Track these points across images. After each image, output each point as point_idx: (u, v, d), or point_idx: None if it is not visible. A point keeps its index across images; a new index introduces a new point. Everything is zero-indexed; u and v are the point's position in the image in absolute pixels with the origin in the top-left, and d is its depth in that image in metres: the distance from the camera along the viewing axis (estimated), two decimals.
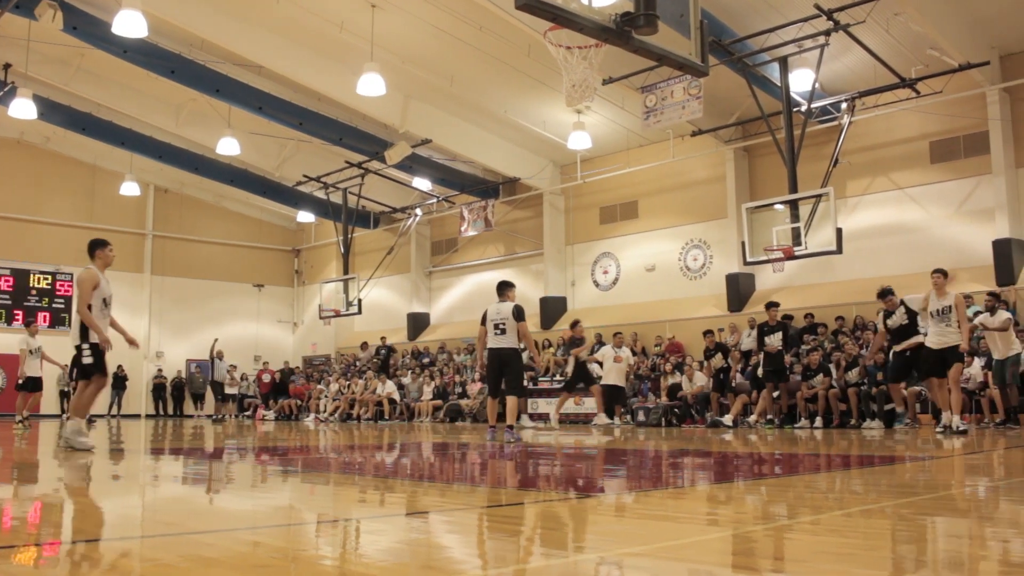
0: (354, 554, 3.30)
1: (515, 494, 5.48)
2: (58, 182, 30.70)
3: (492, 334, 11.32)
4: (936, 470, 6.99)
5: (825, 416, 16.42)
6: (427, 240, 31.00)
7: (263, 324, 34.78)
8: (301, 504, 5.25)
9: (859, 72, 18.42)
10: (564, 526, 4.10)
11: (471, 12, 17.89)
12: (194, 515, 4.60)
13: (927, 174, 19.37)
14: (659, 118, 18.93)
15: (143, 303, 32.37)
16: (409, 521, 4.27)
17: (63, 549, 3.39)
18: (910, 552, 3.24)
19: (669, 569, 2.97)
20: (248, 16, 20.20)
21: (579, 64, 9.39)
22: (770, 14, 17.10)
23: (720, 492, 5.47)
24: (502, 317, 11.25)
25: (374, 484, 6.20)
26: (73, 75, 23.76)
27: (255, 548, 3.39)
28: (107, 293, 10.06)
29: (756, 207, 18.31)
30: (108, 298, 10.10)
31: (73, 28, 19.96)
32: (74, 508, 5.00)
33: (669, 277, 23.54)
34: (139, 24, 17.22)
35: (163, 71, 21.68)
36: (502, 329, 11.24)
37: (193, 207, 33.63)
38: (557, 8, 7.04)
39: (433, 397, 24.26)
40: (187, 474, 7.25)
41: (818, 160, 18.89)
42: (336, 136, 24.49)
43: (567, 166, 25.57)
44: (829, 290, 20.16)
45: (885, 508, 4.46)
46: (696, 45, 8.06)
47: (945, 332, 12.16)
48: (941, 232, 18.89)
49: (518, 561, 3.13)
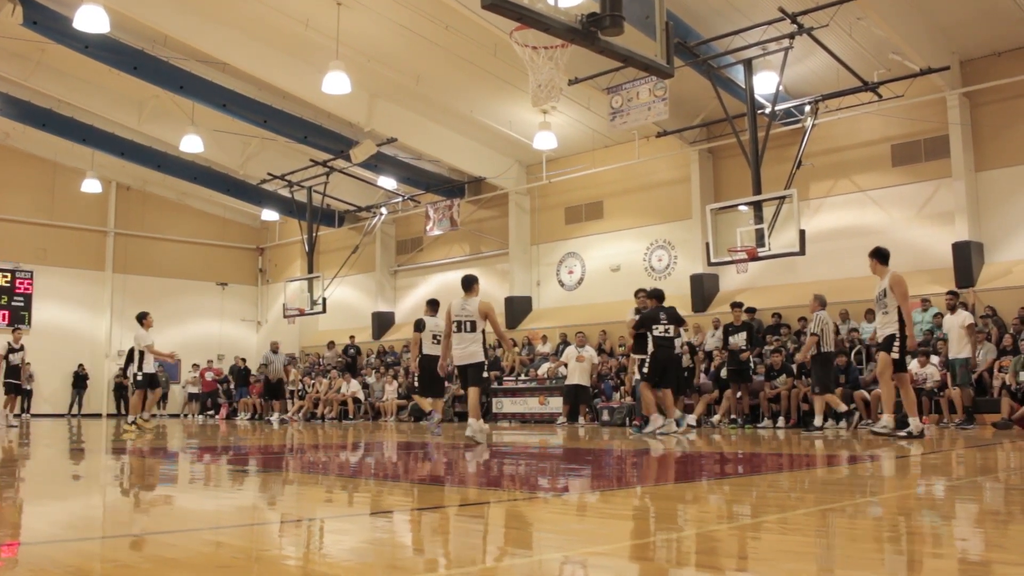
0: (318, 554, 3.29)
1: (480, 493, 5.48)
2: (18, 179, 30.24)
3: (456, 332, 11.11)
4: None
5: (787, 416, 16.57)
6: (392, 239, 30.90)
7: (226, 323, 34.50)
8: (264, 504, 5.22)
9: (822, 75, 18.59)
10: (528, 525, 4.11)
11: (437, 11, 17.85)
12: (157, 516, 4.56)
13: (888, 177, 19.58)
14: (625, 119, 18.99)
15: (104, 301, 32.00)
16: (374, 521, 4.26)
17: (21, 551, 3.35)
18: (868, 551, 3.28)
19: (631, 569, 2.99)
20: (213, 13, 20.03)
21: (545, 64, 9.41)
22: (735, 17, 17.21)
23: (684, 491, 5.50)
24: (468, 314, 11.05)
25: (338, 484, 6.18)
26: (33, 70, 23.41)
27: (217, 548, 3.37)
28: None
29: (720, 208, 18.41)
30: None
31: (33, 23, 19.68)
32: (33, 509, 4.94)
33: (634, 277, 23.56)
34: (101, 19, 17.03)
35: (126, 67, 21.43)
36: (470, 326, 11.06)
37: (156, 205, 33.28)
38: (523, 8, 7.05)
39: (397, 396, 24.21)
40: (150, 473, 7.19)
41: (782, 162, 19.03)
42: (301, 134, 24.34)
43: (533, 166, 25.60)
44: (792, 291, 20.31)
45: (845, 507, 4.51)
46: (662, 47, 8.10)
47: (882, 320, 11.31)
48: (902, 235, 19.09)
49: (483, 560, 3.13)
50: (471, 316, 11.03)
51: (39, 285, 30.53)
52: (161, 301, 32.80)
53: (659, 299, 13.51)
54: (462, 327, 11.07)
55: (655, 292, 13.76)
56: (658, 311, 13.22)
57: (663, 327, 13.01)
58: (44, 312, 30.37)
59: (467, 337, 11.09)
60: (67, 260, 31.16)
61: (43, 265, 30.69)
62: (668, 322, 13.15)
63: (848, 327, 18.40)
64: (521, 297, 25.91)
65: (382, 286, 30.37)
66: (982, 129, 18.31)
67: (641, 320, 13.28)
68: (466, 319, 11.06)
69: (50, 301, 30.61)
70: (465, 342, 11.08)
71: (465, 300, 11.15)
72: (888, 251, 11.62)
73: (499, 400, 21.74)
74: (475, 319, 11.04)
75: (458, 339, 11.11)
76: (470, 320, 11.05)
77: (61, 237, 31.20)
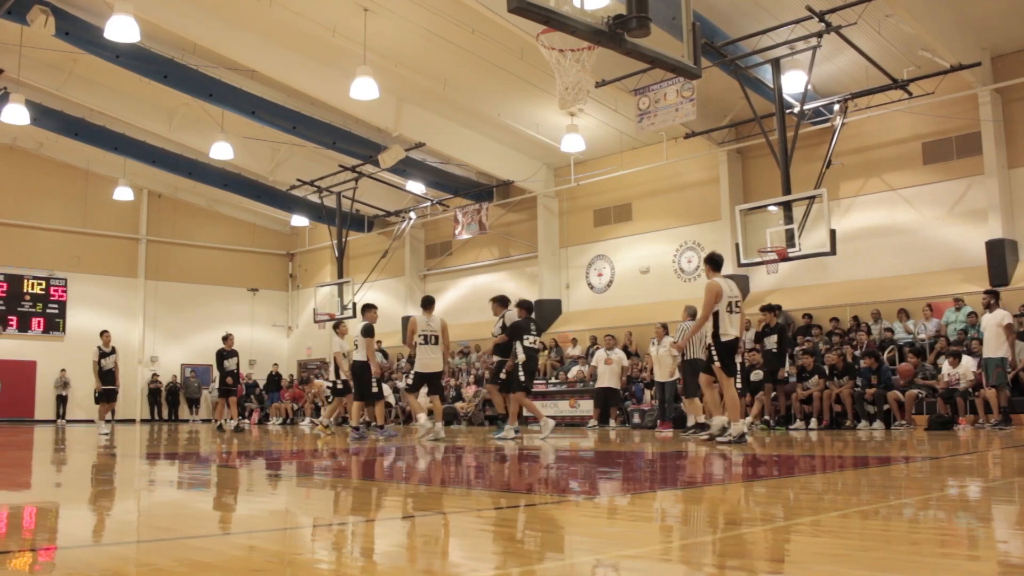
0: (350, 558, 3.30)
1: (514, 497, 5.48)
2: (52, 187, 30.65)
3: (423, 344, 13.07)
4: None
5: (819, 417, 16.46)
6: (421, 243, 30.97)
7: (257, 328, 34.73)
8: (297, 508, 5.24)
9: (851, 74, 18.45)
10: (559, 529, 4.10)
11: (463, 15, 17.88)
12: (189, 519, 4.60)
13: (920, 175, 19.40)
14: (652, 120, 18.94)
15: (137, 308, 32.34)
16: (404, 524, 4.27)
17: (58, 555, 3.38)
18: (902, 553, 3.25)
19: (664, 572, 2.97)
20: (241, 20, 20.17)
21: (572, 67, 9.40)
22: (762, 16, 17.12)
23: (716, 494, 5.47)
24: (432, 329, 13.08)
25: (369, 487, 6.19)
26: (66, 80, 23.70)
27: (250, 552, 3.38)
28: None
29: (750, 209, 18.30)
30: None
31: (65, 33, 19.93)
32: (70, 514, 4.99)
33: (663, 279, 23.53)
34: (131, 29, 17.18)
35: (156, 76, 21.64)
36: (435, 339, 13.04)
37: (187, 212, 33.58)
38: (549, 11, 7.04)
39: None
40: (182, 478, 7.24)
41: (811, 162, 18.92)
42: (329, 140, 24.46)
43: (561, 168, 25.58)
44: (823, 291, 20.19)
45: (878, 509, 4.47)
46: (688, 47, 8.07)
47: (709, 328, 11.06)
48: (934, 233, 18.93)
49: (514, 564, 3.13)
50: (435, 331, 13.03)
51: (73, 292, 30.89)
52: (192, 307, 33.15)
53: (528, 310, 13.91)
54: (428, 340, 13.02)
55: (524, 303, 14.11)
56: (528, 322, 13.68)
57: (532, 337, 13.50)
58: (78, 319, 30.71)
59: (434, 349, 13.06)
60: (100, 267, 31.51)
61: (77, 272, 31.05)
62: (537, 333, 13.77)
63: (881, 327, 18.25)
64: (550, 300, 25.89)
65: (411, 290, 30.42)
66: (1015, 125, 18.10)
67: (512, 330, 13.62)
68: (431, 333, 13.06)
69: (84, 308, 30.96)
70: (434, 353, 13.05)
71: (429, 317, 13.16)
72: (720, 258, 11.43)
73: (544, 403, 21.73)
74: (438, 333, 13.02)
75: (426, 350, 13.07)
76: (434, 334, 13.03)
77: (94, 245, 31.55)
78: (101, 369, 18.37)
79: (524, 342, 13.26)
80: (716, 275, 11.07)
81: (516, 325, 13.46)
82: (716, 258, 11.28)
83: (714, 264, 11.22)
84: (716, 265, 11.21)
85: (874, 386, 16.05)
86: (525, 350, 13.26)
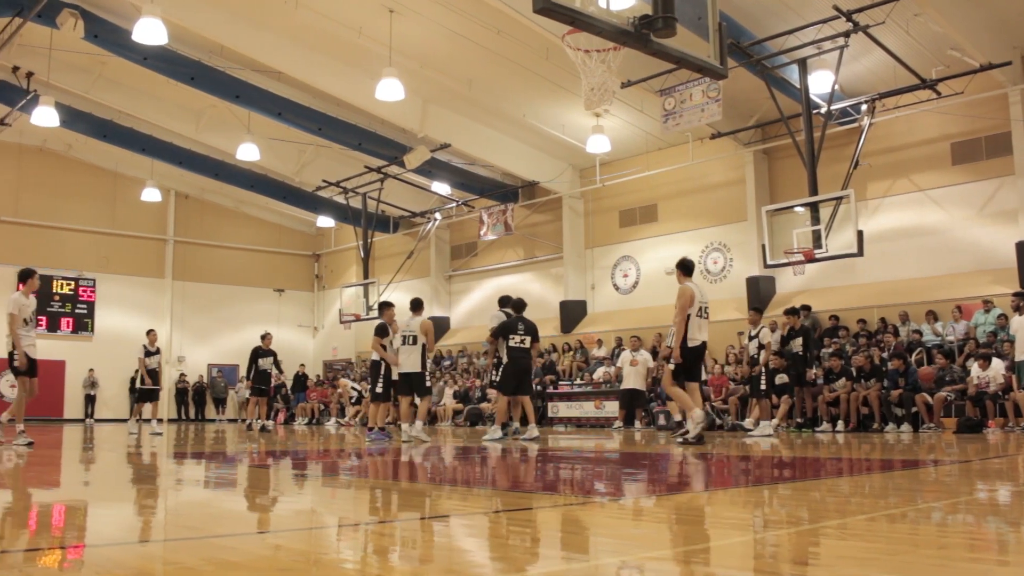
0: (375, 558, 3.31)
1: (536, 498, 5.48)
2: (80, 189, 30.95)
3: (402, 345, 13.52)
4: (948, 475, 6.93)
5: (846, 420, 16.36)
6: (447, 244, 31.03)
7: (283, 328, 34.87)
8: (322, 508, 5.26)
9: (879, 73, 18.32)
10: (584, 530, 4.10)
11: (489, 16, 17.90)
12: (216, 518, 4.62)
13: (948, 176, 19.23)
14: (678, 121, 18.89)
15: (164, 308, 32.58)
16: (430, 525, 4.28)
17: (87, 552, 3.41)
18: (930, 557, 3.22)
19: (688, 574, 2.96)
20: (267, 22, 20.28)
21: (597, 67, 9.39)
22: (789, 16, 17.03)
23: (741, 496, 5.45)
24: (411, 329, 13.41)
25: (395, 488, 6.21)
26: (94, 83, 23.92)
27: (276, 551, 3.40)
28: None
29: (776, 210, 18.22)
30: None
31: (94, 36, 20.12)
32: (98, 512, 5.03)
33: None
34: (159, 31, 17.31)
35: (183, 78, 21.80)
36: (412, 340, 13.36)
37: (213, 212, 33.81)
38: (575, 11, 7.03)
39: (455, 401, 24.31)
40: (208, 478, 7.29)
41: (838, 162, 18.80)
42: (355, 141, 24.56)
43: (586, 169, 25.55)
44: (850, 293, 20.06)
45: (906, 512, 4.44)
46: (715, 48, 8.04)
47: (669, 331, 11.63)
48: (963, 234, 18.76)
49: (539, 564, 3.13)
50: (414, 332, 13.32)
51: (101, 292, 31.17)
52: (219, 307, 33.37)
53: (518, 309, 13.92)
54: (406, 340, 13.43)
55: (512, 301, 14.17)
56: (516, 321, 13.72)
57: (519, 337, 13.52)
58: (106, 319, 30.99)
59: (411, 349, 13.39)
60: (128, 268, 31.77)
61: (105, 273, 31.32)
62: (525, 333, 13.66)
63: (908, 329, 18.11)
64: (575, 301, 25.86)
65: (437, 291, 30.49)
66: None
67: (498, 329, 13.70)
68: (410, 334, 13.39)
69: (112, 308, 31.23)
70: (411, 354, 13.36)
71: (411, 318, 13.51)
72: (691, 263, 11.74)
73: (555, 404, 21.75)
74: (416, 334, 13.31)
75: (404, 351, 13.48)
76: (412, 335, 13.34)
77: (122, 245, 31.82)
78: (146, 368, 18.51)
79: (510, 342, 13.36)
80: (687, 280, 11.35)
81: (502, 325, 13.60)
82: (687, 263, 11.62)
83: (685, 269, 11.53)
84: (687, 270, 11.53)
85: (901, 388, 15.93)
86: (510, 350, 13.42)
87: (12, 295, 11.42)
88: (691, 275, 11.49)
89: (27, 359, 11.21)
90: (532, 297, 27.01)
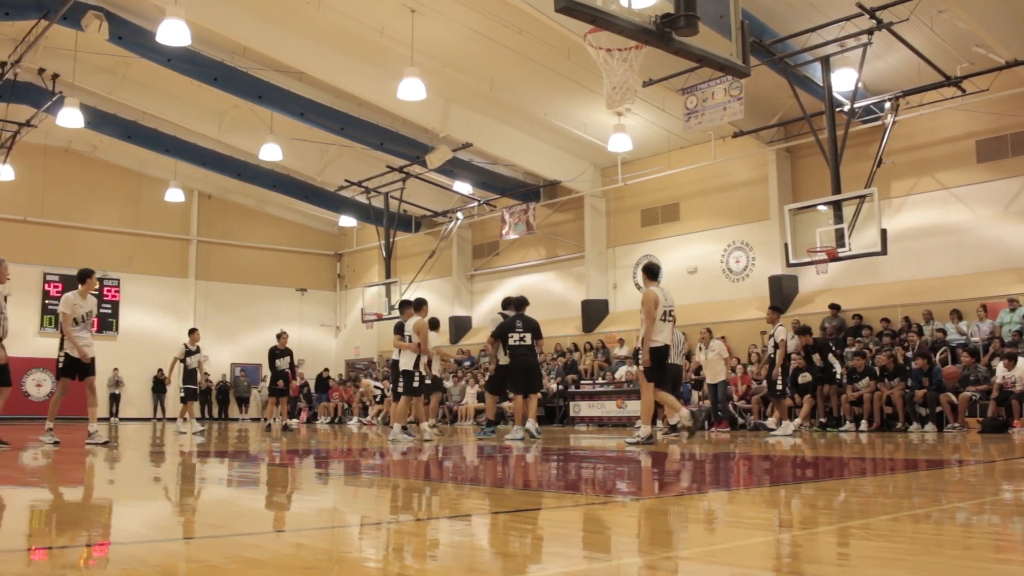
0: (398, 556, 3.32)
1: (559, 497, 5.47)
2: (105, 189, 31.18)
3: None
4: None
5: (870, 419, 16.27)
6: (468, 244, 31.05)
7: (306, 328, 34.98)
8: (345, 507, 5.28)
9: (903, 71, 18.20)
10: (607, 529, 4.09)
11: (510, 15, 17.90)
12: (239, 517, 4.65)
13: (973, 173, 19.07)
14: (700, 119, 18.83)
15: (188, 308, 32.74)
16: (452, 524, 4.28)
17: (111, 550, 3.44)
18: (955, 558, 3.20)
19: (712, 573, 2.96)
20: (289, 23, 20.36)
21: (619, 66, 9.37)
22: (811, 13, 16.94)
23: (764, 496, 5.43)
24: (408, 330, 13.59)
25: (417, 487, 6.22)
26: (119, 84, 24.11)
27: (299, 550, 3.42)
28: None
29: (799, 208, 18.14)
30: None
31: (119, 38, 20.27)
32: (122, 510, 5.07)
33: (711, 279, 23.38)
34: (182, 33, 17.41)
35: (206, 79, 21.94)
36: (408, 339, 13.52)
37: (236, 212, 33.98)
38: (597, 10, 7.02)
39: (478, 400, 24.33)
40: (231, 476, 7.32)
41: (862, 160, 18.69)
42: (377, 141, 24.63)
43: (608, 168, 25.51)
44: (874, 292, 19.94)
45: (930, 513, 4.41)
46: (737, 46, 8.01)
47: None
48: (988, 232, 18.60)
49: (562, 564, 3.13)
50: (410, 331, 13.51)
51: (126, 292, 31.36)
52: (242, 307, 33.52)
53: (518, 308, 13.90)
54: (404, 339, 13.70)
55: (519, 301, 14.14)
56: (514, 320, 13.74)
57: (519, 335, 13.51)
58: (130, 319, 31.19)
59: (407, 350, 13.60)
60: (152, 268, 31.96)
61: (129, 273, 31.53)
62: (524, 331, 13.66)
63: (932, 328, 17.99)
64: (597, 300, 25.82)
65: (459, 290, 30.52)
66: None
67: (497, 331, 13.77)
68: (406, 334, 13.62)
69: (136, 308, 31.42)
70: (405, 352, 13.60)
71: (410, 318, 13.70)
72: (656, 267, 11.88)
73: (576, 404, 21.73)
74: (411, 334, 13.48)
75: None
76: (408, 335, 13.56)
77: (146, 245, 32.02)
78: (185, 368, 18.65)
79: (510, 340, 13.43)
80: (653, 284, 11.52)
81: (500, 326, 13.64)
82: (653, 267, 11.79)
83: (651, 273, 11.70)
84: (652, 274, 11.69)
85: (925, 388, 15.82)
86: (510, 349, 13.51)
87: (67, 294, 11.67)
88: (656, 279, 11.69)
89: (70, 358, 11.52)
90: (554, 296, 27.14)
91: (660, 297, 11.21)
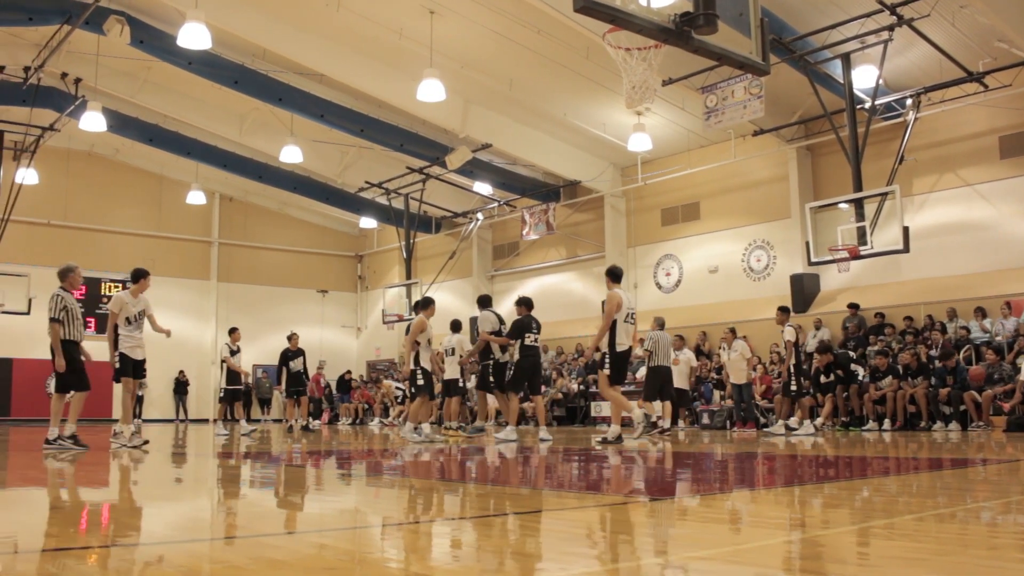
0: (419, 557, 3.32)
1: (578, 497, 5.47)
2: (127, 192, 31.40)
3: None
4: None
5: (893, 418, 16.17)
6: (489, 244, 31.06)
7: (327, 329, 35.09)
8: (366, 507, 5.29)
9: (924, 67, 18.08)
10: (628, 529, 4.09)
11: (529, 16, 17.89)
12: (260, 517, 4.67)
13: (997, 170, 18.91)
14: (720, 118, 18.76)
15: (210, 309, 32.93)
16: (473, 524, 4.29)
17: (136, 551, 3.46)
18: (980, 558, 3.17)
19: (736, 573, 2.95)
20: (308, 25, 20.43)
21: (639, 66, 9.35)
22: (831, 10, 16.84)
23: (787, 496, 5.41)
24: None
25: (437, 487, 6.23)
26: (140, 88, 24.27)
27: (321, 551, 3.43)
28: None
29: (820, 206, 18.05)
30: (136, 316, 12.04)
31: (140, 42, 20.39)
32: (145, 511, 5.10)
33: (732, 278, 23.30)
34: (203, 36, 17.50)
35: (227, 81, 22.04)
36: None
37: (257, 214, 34.13)
38: (615, 10, 7.01)
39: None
40: (254, 477, 7.36)
41: (883, 158, 18.58)
42: (397, 142, 24.68)
43: (628, 168, 25.46)
44: (896, 290, 19.81)
45: (955, 512, 4.38)
46: (756, 44, 7.98)
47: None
48: (1011, 229, 18.44)
49: (583, 564, 3.12)
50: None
51: (148, 294, 31.48)
52: (263, 309, 33.66)
53: (529, 307, 13.80)
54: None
55: (524, 300, 14.11)
56: (530, 319, 13.58)
57: (533, 336, 13.48)
58: None
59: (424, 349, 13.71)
60: (174, 270, 32.11)
61: (152, 275, 31.61)
62: (537, 331, 13.67)
63: (956, 325, 17.86)
64: None
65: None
66: None
67: (514, 329, 13.59)
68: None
69: (158, 310, 30.87)
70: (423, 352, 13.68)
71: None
72: (620, 271, 12.21)
73: (598, 404, 21.69)
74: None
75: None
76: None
77: (168, 248, 32.21)
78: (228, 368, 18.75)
79: (525, 340, 13.42)
80: (616, 287, 11.75)
81: (517, 324, 13.56)
82: (616, 271, 12.11)
83: (614, 276, 11.98)
84: (616, 277, 11.97)
85: (949, 386, 15.72)
86: (524, 348, 13.42)
87: (118, 293, 11.78)
88: (619, 282, 11.88)
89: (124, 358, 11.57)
90: (574, 296, 27.11)
91: (624, 300, 11.44)
